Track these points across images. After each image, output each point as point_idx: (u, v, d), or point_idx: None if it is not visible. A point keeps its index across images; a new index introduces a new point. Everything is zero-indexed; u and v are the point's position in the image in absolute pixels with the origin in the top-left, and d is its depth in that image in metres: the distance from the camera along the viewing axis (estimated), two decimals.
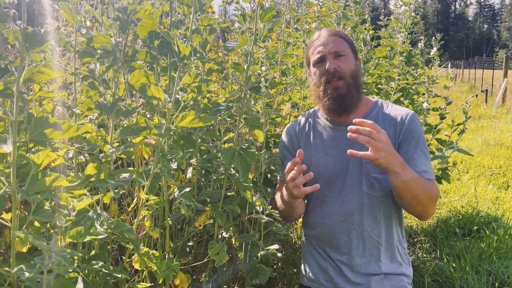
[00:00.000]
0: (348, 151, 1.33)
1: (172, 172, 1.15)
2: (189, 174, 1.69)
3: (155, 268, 1.22)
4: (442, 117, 2.58)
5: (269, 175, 1.85)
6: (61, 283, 0.79)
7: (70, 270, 0.71)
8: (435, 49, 2.66)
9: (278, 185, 1.72)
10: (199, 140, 1.59)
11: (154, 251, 1.21)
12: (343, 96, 1.52)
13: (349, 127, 1.32)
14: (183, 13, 1.51)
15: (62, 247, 0.76)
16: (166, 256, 1.52)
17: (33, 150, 1.31)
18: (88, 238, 0.80)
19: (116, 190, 1.50)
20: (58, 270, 0.70)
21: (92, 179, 1.07)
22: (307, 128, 1.66)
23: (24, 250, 1.01)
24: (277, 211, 1.58)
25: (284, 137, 1.71)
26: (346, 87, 1.53)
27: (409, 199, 1.44)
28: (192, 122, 1.14)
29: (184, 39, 1.26)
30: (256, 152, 1.65)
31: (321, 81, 1.55)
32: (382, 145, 1.30)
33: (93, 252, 1.14)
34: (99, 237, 0.81)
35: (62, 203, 0.88)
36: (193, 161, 1.58)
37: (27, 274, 0.68)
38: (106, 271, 0.98)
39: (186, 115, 1.11)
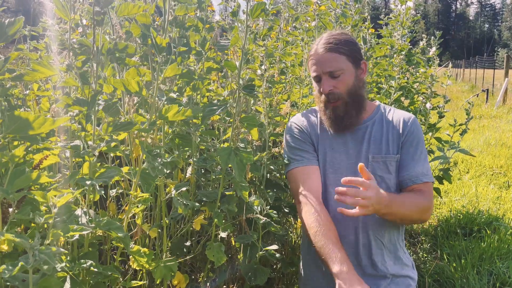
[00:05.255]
0: (338, 209, 1.33)
1: (162, 168, 1.12)
2: (188, 174, 1.67)
3: (147, 266, 1.20)
4: (441, 116, 2.57)
5: (268, 175, 1.83)
6: (48, 282, 0.77)
7: (59, 270, 0.69)
8: (434, 48, 2.65)
9: (297, 180, 1.57)
10: (198, 139, 1.57)
11: (145, 249, 1.20)
12: (341, 118, 1.52)
13: (336, 189, 1.31)
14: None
15: (49, 245, 0.74)
16: (164, 256, 1.51)
17: (29, 149, 1.30)
18: (71, 234, 0.78)
19: (114, 190, 1.50)
20: (43, 269, 0.68)
21: (78, 176, 1.05)
22: (314, 122, 1.65)
23: (10, 249, 0.99)
24: (275, 213, 1.58)
25: (297, 125, 1.65)
26: (344, 108, 1.52)
27: (398, 221, 1.53)
28: (176, 115, 1.12)
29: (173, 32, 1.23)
30: (258, 154, 1.63)
31: (320, 98, 1.55)
32: (368, 202, 1.31)
33: (83, 251, 1.12)
34: (84, 232, 0.80)
35: (40, 200, 0.86)
36: (192, 160, 1.57)
37: (8, 273, 0.66)
38: (96, 270, 0.96)
39: (170, 108, 1.08)
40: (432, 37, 2.74)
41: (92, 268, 0.95)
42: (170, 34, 1.19)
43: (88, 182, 0.99)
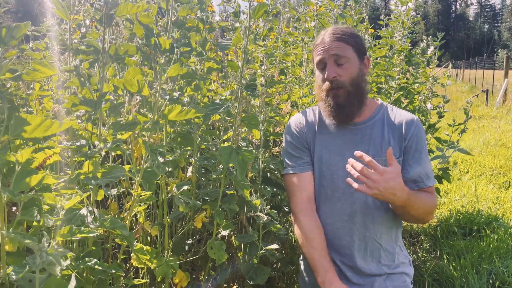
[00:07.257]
0: (347, 179, 1.35)
1: (164, 167, 1.13)
2: (189, 173, 1.68)
3: (149, 264, 1.21)
4: (441, 116, 2.58)
5: (268, 174, 1.84)
6: (54, 282, 0.77)
7: (63, 268, 0.70)
8: (432, 48, 2.66)
9: (290, 187, 1.61)
10: (199, 139, 1.58)
11: (148, 247, 1.21)
12: (342, 106, 1.50)
13: (349, 161, 1.34)
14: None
15: (55, 246, 0.74)
16: (165, 254, 1.52)
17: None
18: (78, 236, 0.79)
19: (115, 189, 1.51)
20: (50, 270, 0.69)
21: (82, 176, 1.06)
22: (313, 123, 1.64)
23: (14, 249, 1.00)
24: (275, 212, 1.59)
25: (293, 128, 1.65)
26: (346, 96, 1.50)
27: (407, 217, 1.53)
28: (179, 115, 1.13)
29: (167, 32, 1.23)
30: (254, 151, 1.64)
31: (322, 87, 1.53)
32: (373, 185, 1.30)
33: (87, 250, 1.13)
34: (91, 235, 0.80)
35: (49, 202, 0.86)
36: (193, 159, 1.58)
37: (14, 277, 0.67)
38: (100, 268, 0.97)
39: (173, 108, 1.09)
40: (430, 37, 2.76)
41: (96, 266, 0.96)
42: (172, 34, 1.20)
43: (93, 182, 1.00)
